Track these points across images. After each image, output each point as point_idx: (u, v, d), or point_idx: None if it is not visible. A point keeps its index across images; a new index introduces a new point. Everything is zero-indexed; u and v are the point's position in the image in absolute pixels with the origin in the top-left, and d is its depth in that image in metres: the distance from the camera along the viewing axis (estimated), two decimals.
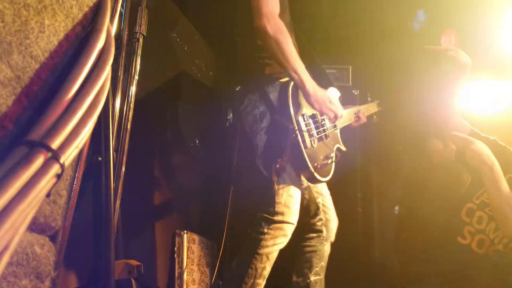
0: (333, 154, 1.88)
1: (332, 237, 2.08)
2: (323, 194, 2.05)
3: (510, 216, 1.76)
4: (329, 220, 2.05)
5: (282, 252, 1.82)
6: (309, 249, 2.03)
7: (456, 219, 2.06)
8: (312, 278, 1.98)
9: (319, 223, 2.03)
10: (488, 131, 2.22)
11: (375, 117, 2.50)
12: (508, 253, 1.95)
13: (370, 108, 2.41)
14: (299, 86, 1.76)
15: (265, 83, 1.85)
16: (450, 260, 2.01)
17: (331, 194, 2.12)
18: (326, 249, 2.06)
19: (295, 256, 2.05)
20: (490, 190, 1.83)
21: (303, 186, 1.90)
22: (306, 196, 2.00)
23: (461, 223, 2.02)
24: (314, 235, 2.03)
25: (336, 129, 2.05)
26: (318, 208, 2.02)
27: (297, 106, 1.79)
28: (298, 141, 1.71)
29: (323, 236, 2.03)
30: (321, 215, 2.03)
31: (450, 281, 1.97)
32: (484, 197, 1.98)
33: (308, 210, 2.02)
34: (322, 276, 2.02)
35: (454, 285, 1.95)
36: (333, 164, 1.91)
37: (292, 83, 1.79)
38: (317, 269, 2.00)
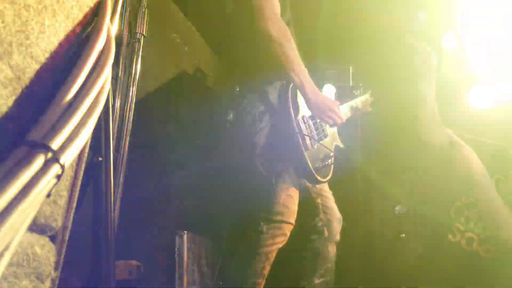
0: (332, 154, 1.87)
1: (336, 237, 2.05)
2: (322, 194, 2.01)
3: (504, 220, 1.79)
4: (331, 221, 2.01)
5: (291, 253, 1.81)
6: (311, 251, 2.00)
7: (446, 217, 2.07)
8: (317, 281, 1.95)
9: (319, 224, 2.00)
10: (488, 131, 2.23)
11: (369, 108, 2.52)
12: (498, 252, 1.96)
13: (366, 101, 2.41)
14: (300, 90, 1.75)
15: (265, 83, 1.83)
16: (443, 259, 2.02)
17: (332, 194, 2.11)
18: (330, 250, 2.02)
19: (300, 259, 2.02)
20: (481, 198, 1.87)
21: (301, 187, 1.89)
22: (304, 197, 1.98)
23: (450, 221, 2.03)
24: (316, 236, 2.00)
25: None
26: (317, 208, 2.00)
27: (297, 108, 1.78)
28: (299, 144, 1.70)
29: (325, 237, 2.00)
30: (321, 216, 2.00)
31: (445, 280, 1.98)
32: (472, 197, 1.99)
33: (307, 211, 1.99)
34: (328, 278, 1.98)
35: (449, 284, 1.96)
36: (332, 163, 1.90)
37: (292, 84, 1.77)
38: (322, 271, 1.97)
